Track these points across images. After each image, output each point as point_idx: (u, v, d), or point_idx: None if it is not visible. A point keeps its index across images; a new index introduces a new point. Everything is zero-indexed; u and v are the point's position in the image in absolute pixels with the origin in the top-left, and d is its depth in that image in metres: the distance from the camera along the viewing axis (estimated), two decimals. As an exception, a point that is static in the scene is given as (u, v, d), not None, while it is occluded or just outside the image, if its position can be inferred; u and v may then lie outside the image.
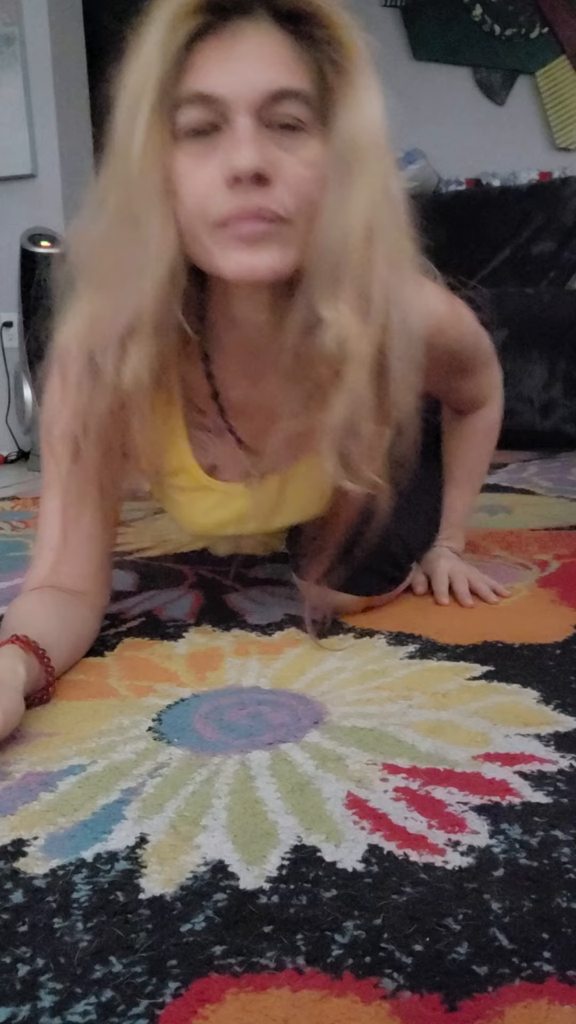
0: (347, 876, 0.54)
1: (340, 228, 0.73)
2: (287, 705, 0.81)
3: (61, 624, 0.89)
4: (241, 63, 0.71)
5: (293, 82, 0.72)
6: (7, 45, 2.84)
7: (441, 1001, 0.43)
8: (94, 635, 0.98)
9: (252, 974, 0.46)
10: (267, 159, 0.71)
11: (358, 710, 0.79)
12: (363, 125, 0.73)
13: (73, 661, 0.92)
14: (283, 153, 0.73)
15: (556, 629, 0.99)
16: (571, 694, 0.81)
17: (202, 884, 0.54)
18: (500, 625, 1.01)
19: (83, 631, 0.94)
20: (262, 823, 0.60)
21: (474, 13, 3.35)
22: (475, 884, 0.53)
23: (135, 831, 0.60)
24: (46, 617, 0.88)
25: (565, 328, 2.55)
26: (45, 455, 0.92)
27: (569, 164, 3.27)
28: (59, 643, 0.86)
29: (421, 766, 0.68)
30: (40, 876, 0.55)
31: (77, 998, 0.45)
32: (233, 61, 0.71)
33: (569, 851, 0.56)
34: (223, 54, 0.72)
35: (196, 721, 0.78)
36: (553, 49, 3.30)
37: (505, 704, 0.79)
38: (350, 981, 0.45)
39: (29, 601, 0.91)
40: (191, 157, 0.73)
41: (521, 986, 0.44)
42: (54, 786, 0.67)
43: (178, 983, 0.45)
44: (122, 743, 0.74)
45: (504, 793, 0.63)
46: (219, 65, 0.72)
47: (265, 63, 0.71)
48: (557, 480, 2.06)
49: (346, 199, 0.73)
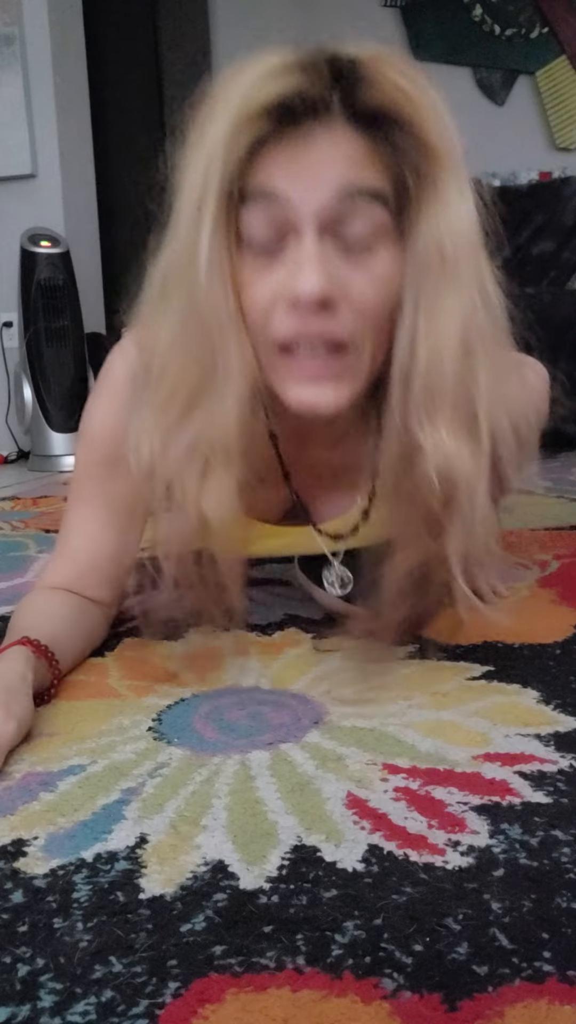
0: (347, 876, 0.54)
1: (433, 346, 0.66)
2: (287, 705, 0.81)
3: (72, 626, 0.89)
4: (311, 164, 0.64)
5: (367, 181, 0.65)
6: (7, 45, 2.84)
7: (441, 1001, 0.43)
8: (102, 639, 0.98)
9: (252, 974, 0.46)
10: (334, 281, 0.65)
11: (358, 710, 0.79)
12: (450, 231, 0.66)
13: (80, 661, 0.92)
14: (352, 272, 0.67)
15: (556, 629, 0.99)
16: (571, 694, 0.81)
17: (202, 884, 0.54)
18: (500, 625, 1.01)
19: (93, 635, 0.94)
20: (262, 823, 0.60)
21: (474, 13, 3.35)
22: (475, 884, 0.53)
23: (135, 831, 0.60)
24: (60, 618, 0.88)
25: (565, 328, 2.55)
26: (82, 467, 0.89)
27: (569, 164, 3.27)
28: (68, 646, 0.87)
29: (421, 766, 0.68)
30: (40, 876, 0.55)
31: (77, 998, 0.45)
32: (304, 164, 0.64)
33: (569, 851, 0.56)
34: (289, 159, 0.65)
35: (196, 721, 0.78)
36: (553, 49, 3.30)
37: (505, 704, 0.79)
38: (350, 981, 0.45)
39: (42, 600, 0.91)
40: (252, 267, 0.68)
41: (521, 986, 0.44)
42: (54, 786, 0.67)
43: (178, 983, 0.45)
44: (122, 743, 0.74)
45: (504, 793, 0.63)
46: (285, 168, 0.65)
47: (337, 163, 0.65)
48: (557, 480, 2.06)
49: (436, 313, 0.66)
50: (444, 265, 0.66)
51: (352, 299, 0.66)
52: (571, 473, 2.16)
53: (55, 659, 0.82)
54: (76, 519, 0.92)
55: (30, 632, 0.82)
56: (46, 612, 0.88)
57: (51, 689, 0.83)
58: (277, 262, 0.68)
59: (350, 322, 0.67)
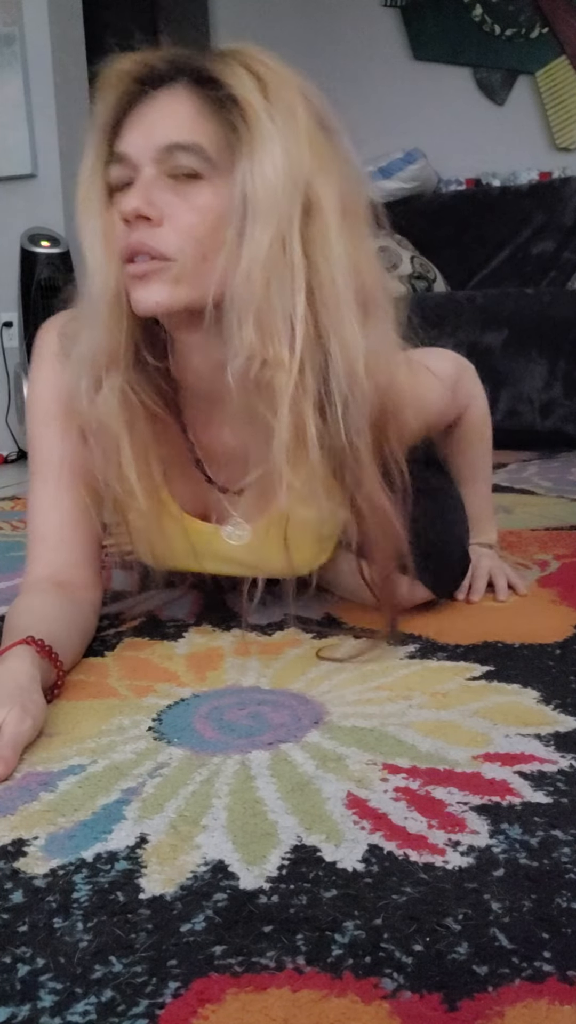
0: (347, 876, 0.54)
1: (243, 270, 0.79)
2: (287, 705, 0.81)
3: (67, 623, 0.90)
4: (149, 124, 0.81)
5: (186, 137, 0.80)
6: (7, 45, 2.84)
7: (441, 1001, 0.43)
8: (94, 630, 0.99)
9: (252, 974, 0.46)
10: (153, 203, 0.80)
11: (358, 710, 0.79)
12: (264, 181, 0.79)
13: (78, 659, 0.93)
14: (176, 199, 0.81)
15: (556, 629, 0.99)
16: (571, 694, 0.81)
17: (202, 884, 0.54)
18: (500, 625, 1.01)
19: (86, 628, 0.95)
20: (262, 823, 0.60)
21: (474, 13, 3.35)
22: (475, 884, 0.53)
23: (135, 831, 0.60)
24: (54, 617, 0.89)
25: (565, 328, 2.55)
26: (35, 437, 0.97)
27: (569, 164, 3.27)
28: (67, 642, 0.88)
29: (421, 766, 0.68)
30: (40, 876, 0.55)
31: (77, 998, 0.45)
32: (145, 123, 0.82)
33: (569, 851, 0.56)
34: (139, 118, 0.82)
35: (196, 721, 0.78)
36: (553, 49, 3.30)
37: (505, 704, 0.79)
38: (350, 981, 0.45)
39: (34, 600, 0.91)
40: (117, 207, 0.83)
41: (521, 986, 0.44)
42: (54, 786, 0.67)
43: (178, 983, 0.45)
44: (122, 743, 0.74)
45: (504, 793, 0.63)
46: (133, 128, 0.82)
47: (168, 122, 0.81)
48: (557, 480, 2.06)
49: (243, 242, 0.79)
50: (256, 208, 0.79)
51: (175, 222, 0.81)
52: (571, 473, 2.16)
53: (58, 658, 0.83)
54: (40, 503, 0.97)
55: (29, 632, 0.82)
56: (40, 613, 0.88)
57: (55, 688, 0.83)
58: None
59: (174, 240, 0.81)
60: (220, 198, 0.81)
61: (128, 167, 0.82)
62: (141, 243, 0.81)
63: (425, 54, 3.41)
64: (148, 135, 0.81)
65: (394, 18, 3.44)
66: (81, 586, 0.96)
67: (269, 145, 0.79)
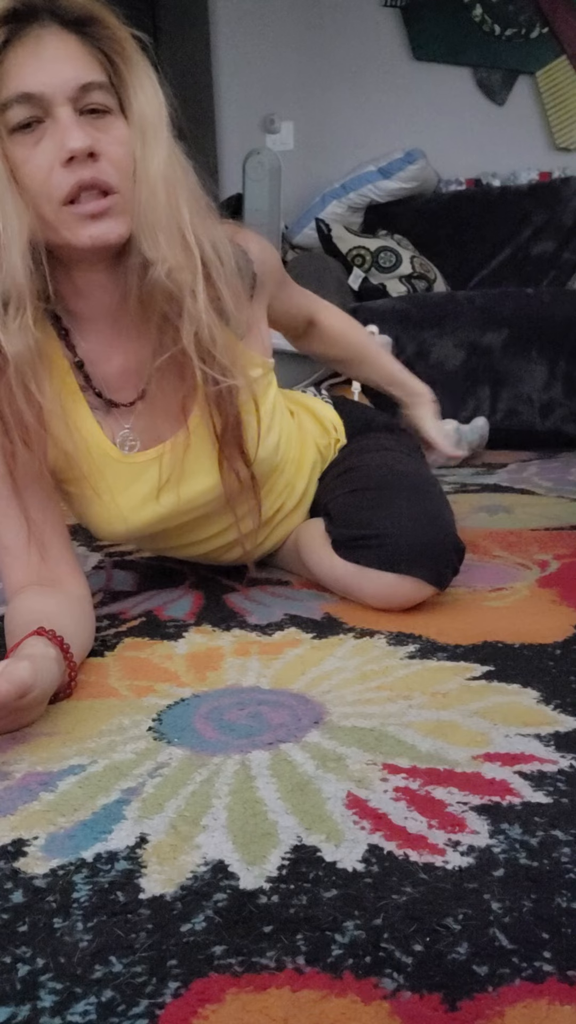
0: (347, 876, 0.54)
1: (149, 187, 0.87)
2: (287, 705, 0.81)
3: (72, 620, 0.90)
4: (52, 64, 0.84)
5: (94, 75, 0.86)
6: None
7: (441, 1001, 0.43)
8: (94, 620, 0.99)
9: (252, 974, 0.46)
10: (92, 138, 0.84)
11: (358, 710, 0.79)
12: (150, 104, 0.88)
13: (85, 655, 0.93)
14: (100, 134, 0.86)
15: (556, 629, 0.99)
16: (571, 694, 0.81)
17: (202, 884, 0.54)
18: (500, 625, 1.01)
19: (88, 625, 0.95)
20: (262, 823, 0.60)
21: (474, 13, 3.35)
22: (475, 884, 0.53)
23: (135, 831, 0.60)
24: (57, 614, 0.88)
25: (565, 328, 2.55)
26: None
27: (569, 164, 3.26)
28: (74, 638, 0.87)
29: (421, 766, 0.68)
30: (40, 876, 0.55)
31: (77, 998, 0.45)
32: (45, 62, 0.84)
33: (569, 851, 0.56)
34: (32, 58, 0.85)
35: (196, 721, 0.78)
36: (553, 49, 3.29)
37: (505, 704, 0.79)
38: (350, 981, 0.45)
39: (32, 599, 0.91)
40: (24, 148, 0.85)
41: (521, 986, 0.44)
42: (54, 786, 0.67)
43: (178, 983, 0.45)
44: (122, 743, 0.74)
45: (504, 793, 0.63)
46: (32, 67, 0.84)
47: (71, 62, 0.85)
48: (557, 480, 2.06)
49: (147, 164, 0.88)
50: (149, 130, 0.88)
51: (108, 154, 0.86)
52: (571, 473, 2.16)
53: (69, 650, 0.83)
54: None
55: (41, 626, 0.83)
56: (41, 610, 0.88)
57: (70, 683, 0.84)
58: (44, 139, 0.85)
59: (113, 172, 0.86)
60: (125, 128, 0.88)
61: (36, 107, 0.84)
62: (96, 179, 0.85)
63: (425, 54, 3.40)
64: (57, 74, 0.84)
65: (394, 18, 3.44)
66: (64, 580, 0.96)
67: (144, 71, 0.89)
